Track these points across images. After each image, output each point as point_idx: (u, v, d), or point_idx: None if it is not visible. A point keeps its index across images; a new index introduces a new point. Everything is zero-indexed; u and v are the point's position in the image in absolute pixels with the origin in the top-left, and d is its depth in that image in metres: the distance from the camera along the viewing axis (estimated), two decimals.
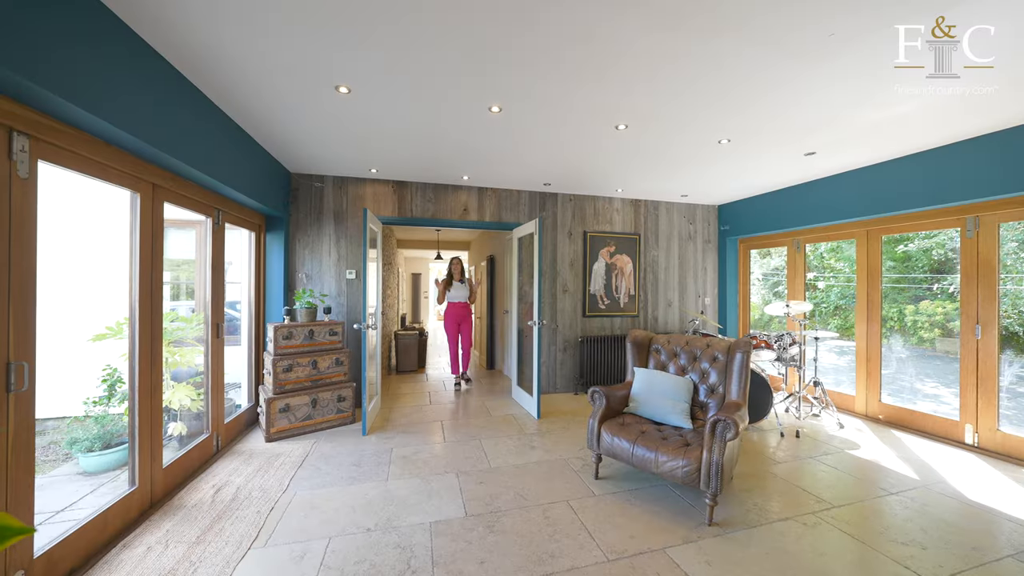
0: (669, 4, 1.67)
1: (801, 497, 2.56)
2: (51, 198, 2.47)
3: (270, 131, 3.09)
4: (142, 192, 2.23)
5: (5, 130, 1.48)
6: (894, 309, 4.90)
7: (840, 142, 3.24)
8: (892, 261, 5.05)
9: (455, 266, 5.34)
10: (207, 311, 3.06)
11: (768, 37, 1.90)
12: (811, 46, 1.97)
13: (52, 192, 2.51)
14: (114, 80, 1.78)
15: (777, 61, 2.10)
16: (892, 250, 4.85)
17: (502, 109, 2.69)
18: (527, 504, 2.44)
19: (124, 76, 1.84)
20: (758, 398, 3.72)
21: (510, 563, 1.91)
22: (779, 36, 1.90)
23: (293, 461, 2.99)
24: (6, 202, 1.47)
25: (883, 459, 3.14)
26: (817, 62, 2.10)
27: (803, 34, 1.88)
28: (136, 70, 1.91)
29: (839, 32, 1.87)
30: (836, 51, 2.01)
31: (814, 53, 2.02)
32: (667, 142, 3.27)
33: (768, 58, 2.07)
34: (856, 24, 1.81)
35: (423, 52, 2.05)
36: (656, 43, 1.95)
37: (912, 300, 5.01)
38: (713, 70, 2.19)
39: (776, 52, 2.02)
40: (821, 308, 5.66)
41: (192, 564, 1.87)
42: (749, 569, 1.89)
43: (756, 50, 2.00)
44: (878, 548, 2.06)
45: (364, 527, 2.19)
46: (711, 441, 2.26)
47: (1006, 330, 4.05)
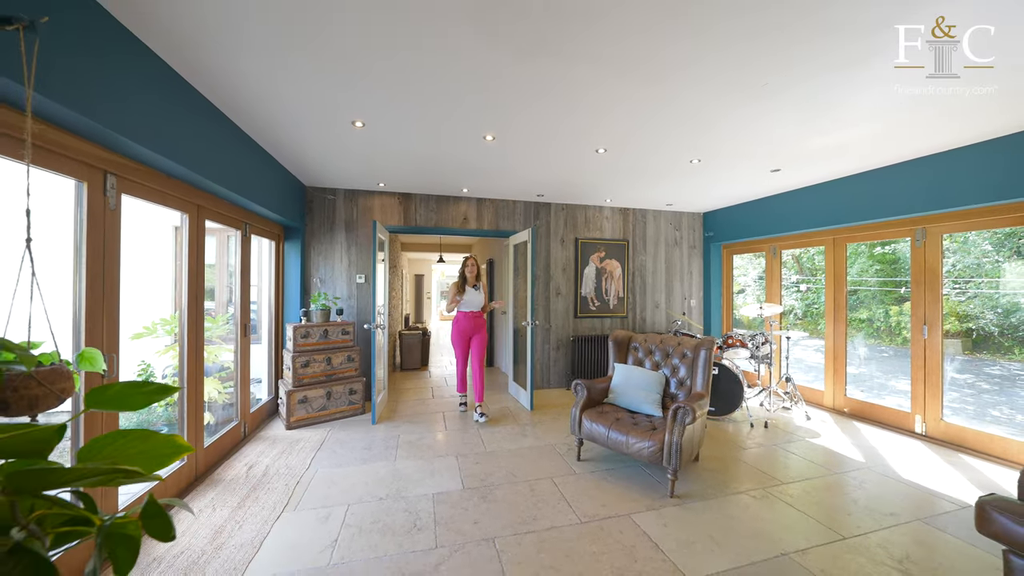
0: (615, 57, 2.03)
1: (757, 476, 2.94)
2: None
3: (291, 153, 3.49)
4: (190, 213, 2.64)
5: (101, 172, 1.88)
6: (880, 310, 5.26)
7: (799, 161, 3.62)
8: (880, 264, 5.41)
9: (469, 267, 4.23)
10: (236, 313, 3.47)
11: (703, 82, 2.28)
12: (748, 91, 2.36)
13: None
14: (175, 123, 2.18)
15: (709, 101, 2.47)
16: (877, 254, 5.22)
17: (495, 138, 3.08)
18: (516, 480, 2.83)
19: (182, 119, 2.24)
20: (731, 392, 4.09)
21: (499, 523, 2.31)
22: (713, 81, 2.28)
23: (312, 445, 3.40)
24: (101, 230, 1.88)
25: (838, 446, 3.51)
26: (756, 100, 2.48)
27: (740, 81, 2.27)
28: (191, 112, 2.32)
29: (772, 82, 2.25)
30: (772, 94, 2.40)
31: (751, 94, 2.41)
32: (644, 163, 3.66)
33: (703, 97, 2.43)
34: (787, 78, 2.19)
35: (424, 94, 2.44)
36: (609, 87, 2.33)
37: (897, 301, 5.37)
38: (664, 107, 2.56)
39: (709, 94, 2.39)
40: (812, 309, 6.02)
41: (237, 522, 2.27)
42: (698, 529, 2.28)
43: (692, 92, 2.37)
44: (810, 514, 2.44)
45: (377, 496, 2.59)
46: (672, 425, 2.64)
47: (983, 330, 4.41)
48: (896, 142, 3.13)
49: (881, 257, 5.28)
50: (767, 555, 2.06)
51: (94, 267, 1.86)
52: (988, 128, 2.86)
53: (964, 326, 4.50)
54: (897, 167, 3.64)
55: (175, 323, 3.80)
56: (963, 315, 4.49)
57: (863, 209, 3.94)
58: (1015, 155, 2.92)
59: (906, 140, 3.09)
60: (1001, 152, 2.99)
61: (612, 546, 2.12)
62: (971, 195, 3.18)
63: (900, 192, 3.64)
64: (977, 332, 4.41)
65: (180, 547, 2.05)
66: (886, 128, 2.86)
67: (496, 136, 3.06)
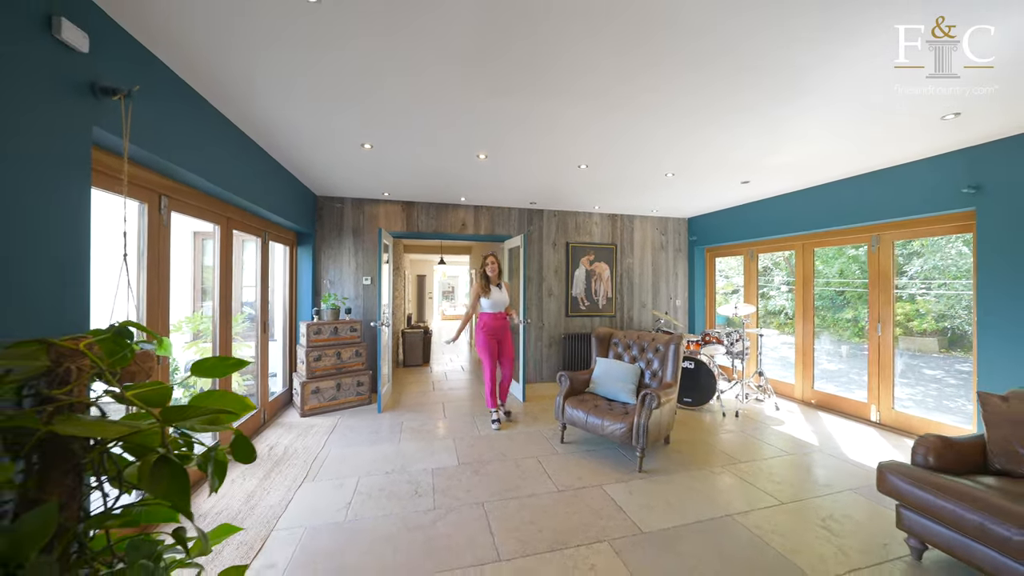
0: (576, 91, 2.38)
1: (719, 456, 3.32)
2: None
3: (306, 168, 3.89)
4: (221, 224, 3.04)
5: (157, 195, 2.29)
6: (864, 310, 5.61)
7: (764, 174, 4.00)
8: (858, 264, 5.75)
9: (491, 266, 4.02)
10: (257, 312, 3.87)
11: (659, 108, 2.66)
12: (699, 115, 2.74)
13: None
14: (212, 150, 2.58)
15: (669, 123, 2.83)
16: (861, 256, 5.57)
17: (487, 156, 3.48)
18: (505, 459, 3.22)
19: (218, 146, 2.64)
20: (705, 385, 4.47)
21: (487, 491, 2.70)
22: (669, 107, 2.66)
23: (325, 430, 3.80)
24: (157, 242, 2.28)
25: (798, 432, 3.88)
26: (711, 123, 2.85)
27: (692, 106, 2.65)
28: (226, 140, 2.72)
29: (720, 107, 2.63)
30: (723, 116, 2.78)
31: (704, 119, 2.79)
32: (622, 176, 4.05)
33: (660, 121, 2.78)
34: (734, 103, 2.58)
35: (423, 123, 2.84)
36: (579, 115, 2.70)
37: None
38: (629, 129, 2.93)
39: (666, 118, 2.74)
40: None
41: (265, 489, 2.67)
42: (658, 496, 2.66)
43: (650, 117, 2.73)
44: (758, 486, 2.82)
45: (383, 471, 2.98)
46: (641, 409, 3.02)
47: (958, 329, 4.73)
48: (839, 161, 3.52)
49: (858, 258, 5.63)
50: (713, 516, 2.45)
51: (152, 271, 2.26)
52: (926, 148, 3.23)
53: (940, 325, 4.85)
54: (854, 179, 4.01)
55: (198, 321, 4.21)
56: (940, 315, 4.84)
57: (826, 217, 4.32)
58: (950, 172, 3.29)
59: (846, 160, 3.48)
60: (940, 169, 3.36)
61: (583, 508, 2.51)
62: (915, 206, 3.55)
63: (857, 202, 4.01)
64: (952, 331, 4.76)
65: (219, 507, 2.45)
66: (830, 148, 3.24)
67: (488, 155, 3.45)
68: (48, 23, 1.38)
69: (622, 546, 2.14)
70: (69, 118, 1.48)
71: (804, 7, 1.64)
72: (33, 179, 1.35)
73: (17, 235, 1.30)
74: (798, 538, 2.23)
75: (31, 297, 1.34)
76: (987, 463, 2.14)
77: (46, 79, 1.39)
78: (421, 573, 1.93)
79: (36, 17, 1.35)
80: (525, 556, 2.06)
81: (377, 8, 1.65)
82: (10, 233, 1.28)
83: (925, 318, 4.80)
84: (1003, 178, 2.98)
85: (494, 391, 4.01)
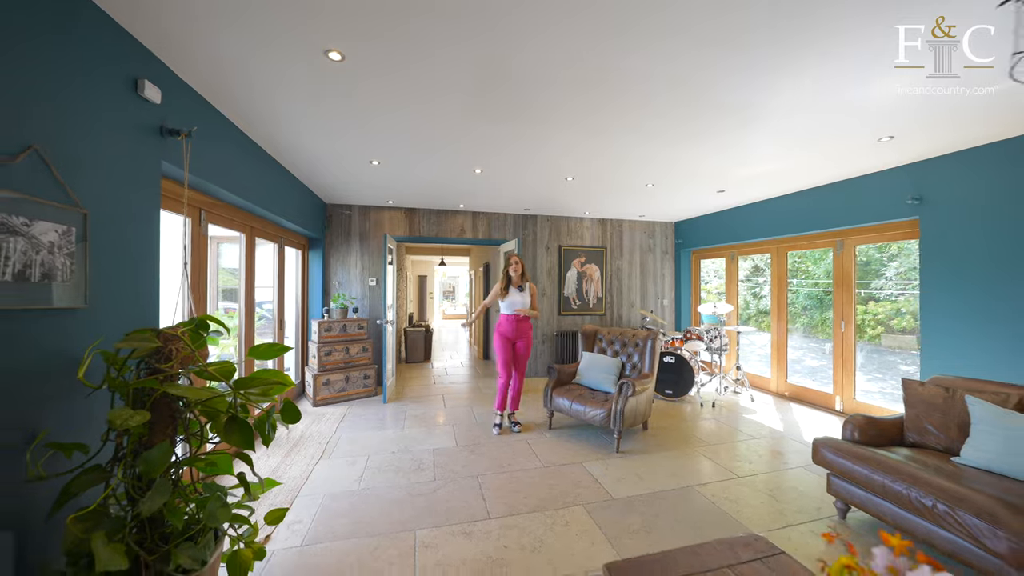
0: (554, 121, 2.79)
1: (691, 440, 3.69)
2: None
3: (318, 180, 4.28)
4: (246, 233, 3.43)
5: (198, 210, 2.67)
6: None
7: (736, 184, 4.37)
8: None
9: (514, 266, 3.85)
10: (274, 310, 4.26)
11: (630, 132, 3.04)
12: (668, 135, 3.12)
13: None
14: (241, 169, 2.96)
15: (641, 143, 3.22)
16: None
17: (482, 171, 3.86)
18: (498, 442, 3.60)
19: (245, 166, 3.02)
20: (685, 378, 4.85)
21: (482, 467, 3.08)
22: (639, 131, 3.04)
23: (336, 417, 4.19)
24: (199, 249, 2.67)
25: (767, 420, 4.25)
26: (680, 143, 3.23)
27: (657, 128, 3.03)
28: (254, 161, 3.10)
29: (686, 131, 3.01)
30: (689, 137, 3.16)
31: (672, 138, 3.17)
32: (605, 187, 4.43)
33: (634, 141, 3.17)
34: (699, 126, 2.95)
35: (426, 142, 3.23)
36: (562, 139, 3.09)
37: (862, 301, 6.08)
38: (607, 149, 3.30)
39: (637, 138, 3.12)
40: (790, 309, 6.73)
41: (288, 465, 3.06)
42: (630, 471, 3.04)
43: (625, 138, 3.11)
44: (720, 463, 3.19)
45: (390, 450, 3.37)
46: (618, 396, 3.40)
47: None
48: (801, 173, 3.89)
49: (864, 256, 5.95)
50: (676, 487, 2.82)
51: (194, 274, 2.65)
52: (876, 163, 3.60)
53: (918, 323, 5.20)
54: (819, 189, 4.39)
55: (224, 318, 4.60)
56: (917, 313, 5.19)
57: (796, 223, 4.69)
58: (898, 184, 3.66)
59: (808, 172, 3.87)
60: (889, 182, 3.73)
61: (563, 480, 2.89)
62: (870, 214, 3.92)
63: (821, 210, 4.38)
64: None
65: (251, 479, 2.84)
66: (788, 163, 3.61)
67: (483, 170, 3.83)
68: (135, 84, 1.77)
69: (593, 508, 2.53)
70: (146, 155, 1.86)
71: (743, 49, 2.02)
72: (130, 208, 1.73)
73: (123, 248, 1.69)
74: (746, 503, 2.61)
75: (137, 295, 1.73)
76: (903, 438, 2.52)
77: (132, 127, 1.78)
78: (424, 526, 2.32)
79: (128, 81, 1.74)
80: (511, 515, 2.44)
81: (383, 59, 2.03)
82: (120, 247, 1.66)
83: (905, 317, 5.14)
84: (942, 191, 3.35)
85: (505, 394, 3.87)
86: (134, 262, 1.80)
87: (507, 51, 1.94)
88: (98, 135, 1.61)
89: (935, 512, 1.85)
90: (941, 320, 3.37)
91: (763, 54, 1.96)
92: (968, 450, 2.15)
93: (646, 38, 1.84)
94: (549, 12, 1.68)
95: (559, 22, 1.74)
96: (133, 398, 1.35)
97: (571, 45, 1.89)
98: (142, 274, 1.86)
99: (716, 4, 1.63)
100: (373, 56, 1.97)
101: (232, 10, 1.65)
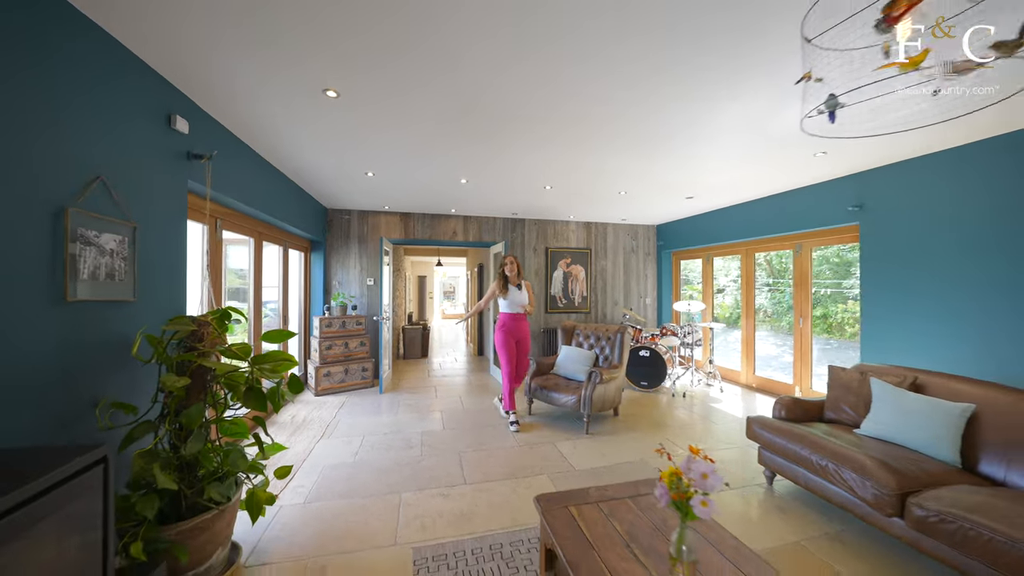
0: (525, 143, 3.20)
1: (656, 425, 4.08)
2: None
3: (319, 188, 4.69)
4: (255, 238, 3.84)
5: (214, 219, 3.08)
6: (831, 308, 6.33)
7: (703, 192, 4.75)
8: (829, 267, 6.42)
9: (509, 265, 3.98)
10: (279, 308, 4.67)
11: (598, 150, 3.43)
12: (630, 152, 3.51)
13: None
14: (252, 181, 3.37)
15: (607, 159, 3.62)
16: (828, 259, 6.26)
17: (468, 180, 4.26)
18: (481, 425, 4.00)
19: (255, 178, 3.43)
20: (658, 370, 5.23)
21: (463, 444, 3.48)
22: (606, 149, 3.43)
23: (335, 405, 4.59)
24: (215, 253, 3.08)
25: (730, 408, 4.63)
26: (643, 158, 3.62)
27: (619, 146, 3.42)
28: (259, 172, 3.51)
29: (653, 152, 3.40)
30: (650, 153, 3.55)
31: (636, 154, 3.56)
32: (584, 195, 4.83)
33: (602, 156, 3.58)
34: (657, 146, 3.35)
35: (416, 156, 3.63)
36: (537, 156, 3.49)
37: (844, 300, 6.44)
38: (579, 163, 3.71)
39: (604, 154, 3.53)
40: (778, 308, 7.08)
41: (292, 444, 3.47)
42: (595, 449, 3.43)
43: (594, 155, 3.52)
44: (676, 442, 3.58)
45: (383, 432, 3.77)
46: (587, 384, 3.79)
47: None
48: (760, 181, 4.28)
49: (839, 260, 6.32)
50: (631, 460, 3.22)
51: (212, 276, 3.06)
52: (822, 173, 3.98)
53: None
54: (778, 196, 4.77)
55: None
56: None
57: (760, 227, 5.07)
58: (842, 193, 4.03)
59: (759, 181, 4.25)
60: (834, 190, 4.11)
61: (535, 456, 3.29)
62: (819, 220, 4.30)
63: (781, 215, 4.77)
64: None
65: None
66: (741, 174, 3.99)
67: (469, 180, 4.23)
68: (168, 119, 2.17)
69: (556, 476, 2.92)
70: (177, 176, 2.27)
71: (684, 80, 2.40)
72: (164, 220, 2.14)
73: (159, 253, 2.09)
74: None
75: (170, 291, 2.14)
76: (823, 415, 2.91)
77: (167, 154, 2.19)
78: (408, 489, 2.71)
79: (163, 117, 2.14)
80: (484, 482, 2.83)
81: (372, 91, 2.42)
82: (157, 252, 2.07)
83: None
84: (877, 199, 3.73)
85: (512, 393, 3.99)
86: (168, 264, 2.20)
87: (472, 85, 2.33)
88: (140, 163, 2.01)
89: (827, 471, 2.24)
90: (877, 314, 3.75)
91: (697, 82, 2.31)
92: (868, 423, 2.54)
93: (603, 67, 2.20)
94: (502, 55, 2.07)
95: (522, 59, 2.12)
96: (176, 369, 1.75)
97: (531, 76, 2.27)
98: (173, 274, 2.27)
99: (639, 39, 2.01)
100: (363, 90, 2.37)
101: (244, 47, 2.05)
